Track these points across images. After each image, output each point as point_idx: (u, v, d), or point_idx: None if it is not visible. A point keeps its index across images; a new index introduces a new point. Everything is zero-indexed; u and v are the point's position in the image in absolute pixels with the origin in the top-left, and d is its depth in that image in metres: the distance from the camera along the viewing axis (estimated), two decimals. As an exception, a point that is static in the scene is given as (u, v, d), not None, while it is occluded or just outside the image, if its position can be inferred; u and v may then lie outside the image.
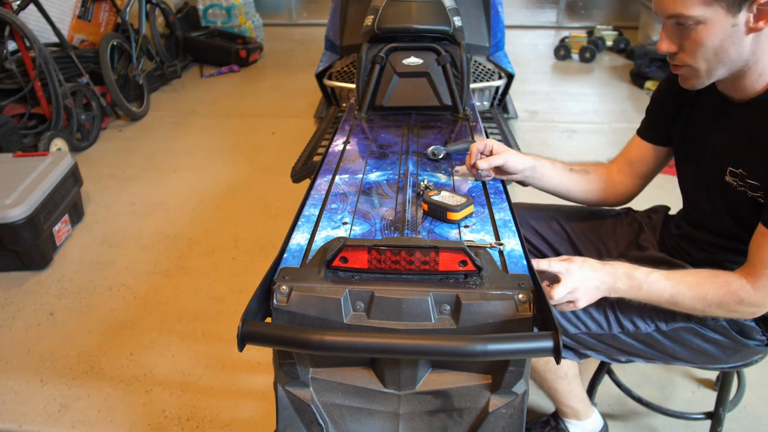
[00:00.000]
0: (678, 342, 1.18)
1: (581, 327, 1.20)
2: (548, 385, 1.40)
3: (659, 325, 1.17)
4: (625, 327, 1.19)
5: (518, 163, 1.28)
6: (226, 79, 4.68)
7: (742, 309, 1.04)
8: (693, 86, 1.09)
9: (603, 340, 1.21)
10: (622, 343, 1.20)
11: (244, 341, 0.85)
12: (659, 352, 1.21)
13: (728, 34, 0.97)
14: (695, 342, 1.18)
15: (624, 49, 4.95)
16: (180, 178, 3.13)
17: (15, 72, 3.08)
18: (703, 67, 1.03)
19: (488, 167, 1.27)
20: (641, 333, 1.18)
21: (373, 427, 0.99)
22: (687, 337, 1.17)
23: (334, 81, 2.87)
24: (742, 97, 1.08)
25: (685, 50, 1.03)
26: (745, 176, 1.06)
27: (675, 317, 1.16)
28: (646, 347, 1.20)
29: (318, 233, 1.10)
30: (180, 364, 1.88)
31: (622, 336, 1.19)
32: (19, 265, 2.33)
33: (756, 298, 1.01)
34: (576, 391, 1.43)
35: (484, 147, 1.29)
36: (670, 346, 1.19)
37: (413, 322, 0.89)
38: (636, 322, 1.18)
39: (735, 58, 1.01)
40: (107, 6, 4.05)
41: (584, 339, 1.21)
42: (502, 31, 3.01)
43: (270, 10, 6.05)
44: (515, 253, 1.02)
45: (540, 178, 1.33)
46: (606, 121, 3.72)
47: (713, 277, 1.04)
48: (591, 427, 1.49)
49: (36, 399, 1.76)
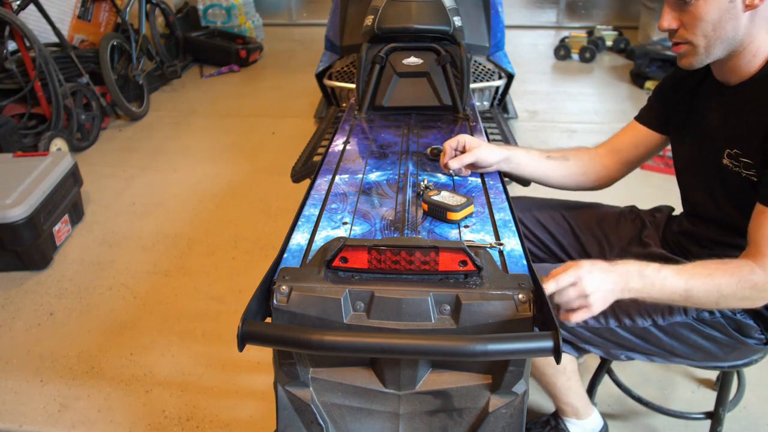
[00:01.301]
0: (675, 338, 1.18)
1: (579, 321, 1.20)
2: (547, 380, 1.40)
3: (656, 319, 1.17)
4: (622, 321, 1.19)
5: (490, 157, 1.30)
6: (226, 79, 4.69)
7: (756, 295, 1.01)
8: (691, 65, 1.12)
9: (600, 334, 1.21)
10: (619, 337, 1.20)
11: (244, 341, 0.85)
12: (657, 347, 1.21)
13: (726, 9, 1.02)
14: (692, 338, 1.18)
15: (624, 49, 4.95)
16: (180, 178, 3.13)
17: (15, 72, 3.08)
18: (702, 43, 1.07)
19: (460, 166, 1.28)
20: (638, 327, 1.18)
21: (373, 427, 0.99)
22: (684, 333, 1.18)
23: (334, 81, 2.88)
24: (736, 80, 1.12)
25: (686, 26, 1.07)
26: (739, 155, 1.08)
27: (672, 312, 1.16)
28: (643, 342, 1.20)
29: (318, 233, 1.10)
30: (180, 364, 1.88)
31: (620, 330, 1.19)
32: (19, 265, 2.33)
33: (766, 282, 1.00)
34: (575, 388, 1.43)
35: (456, 144, 1.31)
36: (667, 341, 1.19)
37: (413, 322, 0.89)
38: (633, 317, 1.18)
39: (731, 36, 1.05)
40: (107, 6, 4.05)
41: (581, 333, 1.21)
42: (502, 31, 3.01)
43: (270, 10, 6.05)
44: (515, 253, 1.02)
45: (515, 167, 1.35)
46: (606, 121, 3.72)
47: (722, 266, 1.02)
48: (591, 426, 1.49)
49: (36, 399, 1.76)
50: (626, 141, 1.38)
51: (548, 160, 1.37)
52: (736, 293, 1.00)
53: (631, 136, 1.37)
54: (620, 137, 1.39)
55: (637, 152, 1.37)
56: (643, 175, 2.93)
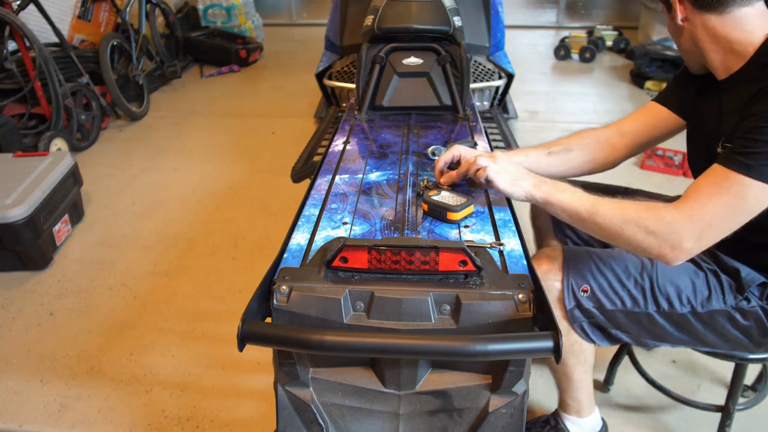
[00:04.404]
0: (710, 326, 1.20)
1: (618, 303, 1.20)
2: (565, 370, 1.37)
3: (695, 306, 1.19)
4: (661, 305, 1.20)
5: None
6: (226, 79, 4.69)
7: (660, 230, 1.01)
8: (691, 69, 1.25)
9: (638, 319, 1.21)
10: (655, 323, 1.21)
11: (244, 341, 0.85)
12: (690, 336, 1.22)
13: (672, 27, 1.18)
14: (727, 328, 1.19)
15: (624, 49, 4.95)
16: (180, 178, 3.13)
17: (15, 72, 3.07)
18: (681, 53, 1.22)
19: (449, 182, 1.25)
20: (676, 313, 1.19)
21: (373, 427, 0.99)
22: (720, 322, 1.19)
23: (334, 81, 2.87)
24: (724, 77, 1.16)
25: None
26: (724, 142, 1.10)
27: (710, 298, 1.18)
28: (677, 330, 1.21)
29: (318, 233, 1.10)
30: (180, 364, 1.88)
31: (657, 316, 1.20)
32: (19, 265, 2.33)
33: (679, 219, 1.00)
34: (587, 383, 1.42)
35: (450, 158, 1.28)
36: (702, 330, 1.20)
37: (413, 322, 0.89)
38: (672, 301, 1.19)
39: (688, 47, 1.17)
40: (107, 6, 4.05)
41: (619, 317, 1.22)
42: (502, 31, 3.01)
43: (270, 10, 6.05)
44: (515, 253, 1.02)
45: None
46: (606, 121, 3.67)
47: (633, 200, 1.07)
48: (590, 426, 1.49)
49: (36, 399, 1.76)
50: (642, 122, 1.38)
51: (549, 157, 1.37)
52: (644, 223, 1.02)
53: (650, 117, 1.37)
54: (633, 120, 1.39)
55: (654, 133, 1.37)
56: (643, 175, 2.93)
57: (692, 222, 1.00)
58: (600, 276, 1.21)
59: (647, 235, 1.02)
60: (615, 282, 1.21)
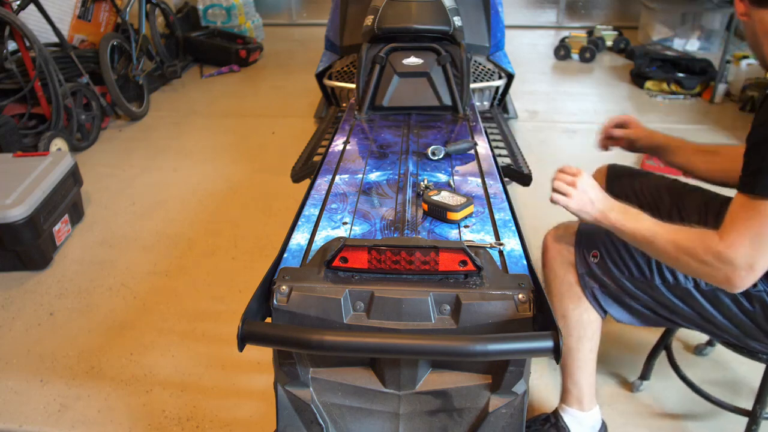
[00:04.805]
0: (716, 306, 1.23)
1: (625, 271, 1.27)
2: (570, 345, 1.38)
3: (699, 281, 1.22)
4: (666, 278, 1.25)
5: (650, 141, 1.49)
6: (226, 79, 4.68)
7: (710, 260, 1.06)
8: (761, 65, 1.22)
9: (644, 289, 1.27)
10: (661, 295, 1.26)
11: (244, 341, 0.85)
12: (696, 312, 1.25)
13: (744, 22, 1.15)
14: (733, 310, 1.22)
15: (624, 49, 4.95)
16: (180, 178, 3.13)
17: (15, 72, 3.07)
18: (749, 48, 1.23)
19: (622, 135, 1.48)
20: (680, 286, 1.24)
21: (373, 427, 0.99)
22: (726, 302, 1.22)
23: (334, 81, 2.88)
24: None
25: None
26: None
27: None
28: (684, 305, 1.25)
29: (318, 233, 1.10)
30: (180, 364, 1.88)
31: (663, 288, 1.25)
32: (19, 265, 2.33)
33: (722, 249, 1.04)
34: (590, 369, 1.42)
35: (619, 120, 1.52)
36: (709, 308, 1.23)
37: (413, 322, 0.89)
38: (677, 275, 1.24)
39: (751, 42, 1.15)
40: (107, 6, 4.05)
41: (628, 286, 1.28)
42: (502, 31, 3.01)
43: (270, 10, 6.04)
44: (515, 253, 1.02)
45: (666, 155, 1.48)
46: (606, 121, 3.71)
47: (690, 228, 1.11)
48: (591, 422, 1.49)
49: (36, 399, 1.76)
50: None
51: (697, 153, 1.45)
52: (694, 252, 1.07)
53: None
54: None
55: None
56: (643, 175, 2.92)
57: (736, 250, 1.04)
58: (610, 244, 1.28)
59: (701, 265, 1.08)
60: (623, 251, 1.27)
